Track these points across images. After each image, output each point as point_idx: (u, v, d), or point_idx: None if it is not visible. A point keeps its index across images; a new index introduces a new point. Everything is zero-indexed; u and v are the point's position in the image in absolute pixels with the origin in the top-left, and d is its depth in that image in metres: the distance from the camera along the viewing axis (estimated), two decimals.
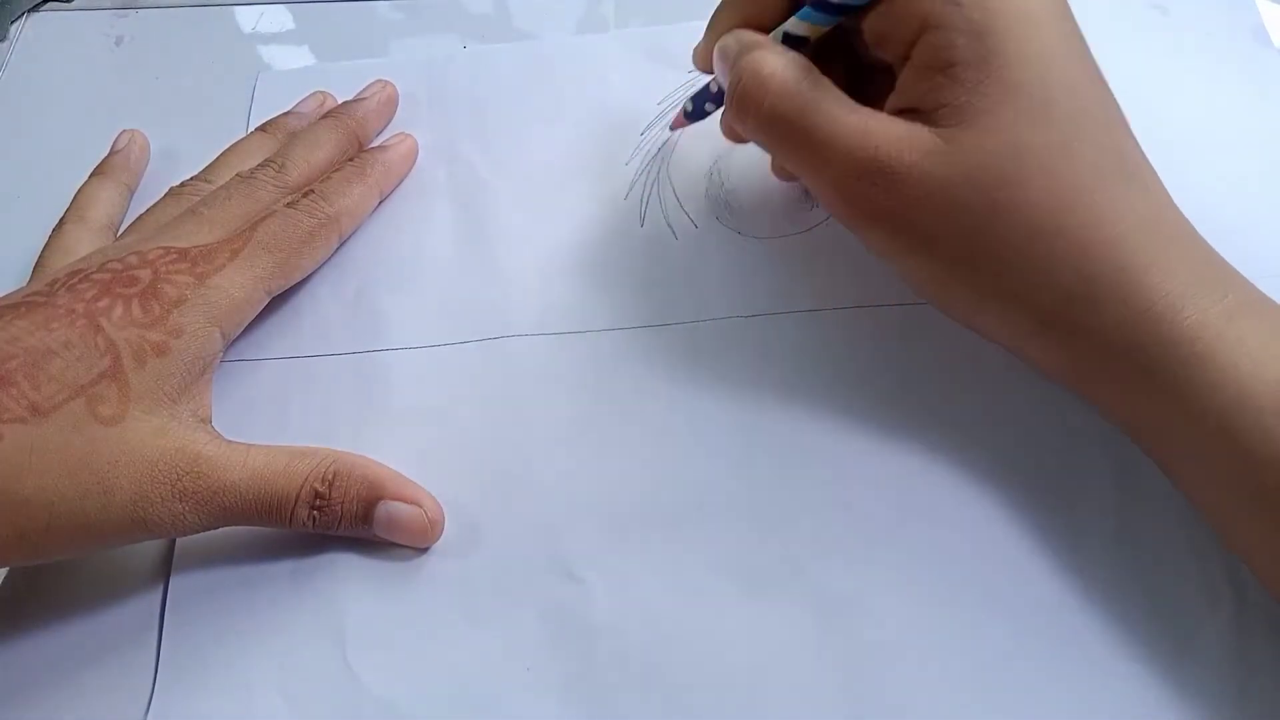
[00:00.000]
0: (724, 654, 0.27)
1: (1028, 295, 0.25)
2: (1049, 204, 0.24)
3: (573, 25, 0.41)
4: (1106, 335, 0.25)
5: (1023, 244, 0.25)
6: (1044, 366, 0.27)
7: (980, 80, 0.24)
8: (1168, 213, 0.25)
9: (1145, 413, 0.25)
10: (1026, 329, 0.26)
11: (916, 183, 0.25)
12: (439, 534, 0.29)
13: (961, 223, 0.25)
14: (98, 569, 0.29)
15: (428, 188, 0.36)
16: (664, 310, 0.32)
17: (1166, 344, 0.24)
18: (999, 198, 0.24)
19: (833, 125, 0.25)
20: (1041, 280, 0.25)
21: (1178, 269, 0.24)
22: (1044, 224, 0.24)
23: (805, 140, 0.26)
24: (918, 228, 0.25)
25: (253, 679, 0.27)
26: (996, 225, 0.25)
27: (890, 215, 0.26)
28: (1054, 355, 0.26)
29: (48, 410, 0.25)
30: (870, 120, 0.25)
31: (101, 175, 0.36)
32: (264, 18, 0.43)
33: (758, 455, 0.30)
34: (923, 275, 0.27)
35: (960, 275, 0.26)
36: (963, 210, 0.25)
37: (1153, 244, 0.24)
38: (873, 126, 0.25)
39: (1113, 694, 0.25)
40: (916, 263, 0.27)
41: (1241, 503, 0.24)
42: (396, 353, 0.32)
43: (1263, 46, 0.36)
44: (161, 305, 0.28)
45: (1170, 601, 0.26)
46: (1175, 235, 0.25)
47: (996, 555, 0.27)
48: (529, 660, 0.27)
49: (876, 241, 0.27)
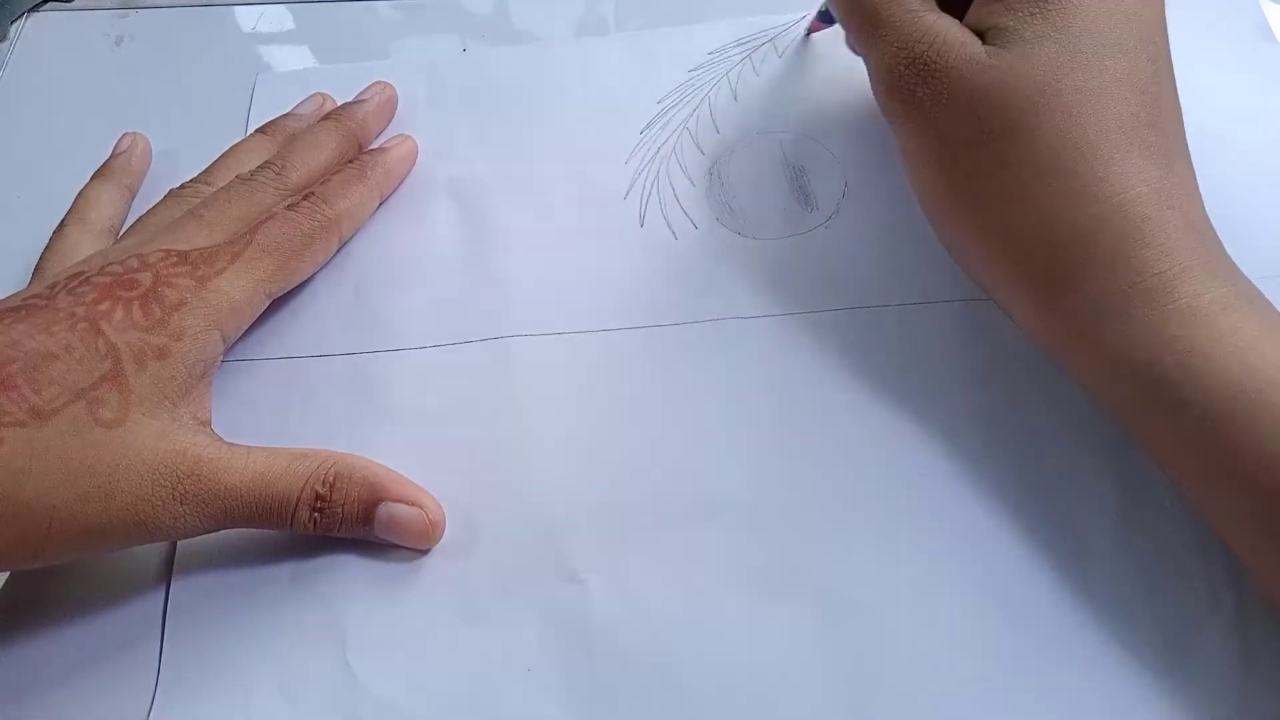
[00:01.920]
0: (725, 656, 0.27)
1: (1021, 237, 0.25)
2: (1062, 145, 0.25)
3: (572, 25, 0.41)
4: (1089, 300, 0.25)
5: (1029, 179, 0.25)
6: (1021, 321, 0.27)
7: (1033, 13, 0.25)
8: (1184, 197, 0.25)
9: (1119, 391, 0.25)
10: (1012, 274, 0.26)
11: (951, 84, 0.26)
12: (440, 535, 0.29)
13: (979, 137, 0.26)
14: (100, 572, 0.29)
15: (427, 189, 0.36)
16: (664, 310, 0.32)
17: (1150, 324, 0.24)
18: (1019, 122, 0.25)
19: (903, 13, 0.27)
20: (1037, 223, 0.25)
21: (1177, 251, 0.24)
22: (1052, 164, 0.25)
23: (872, 16, 0.27)
24: (941, 131, 0.26)
25: (254, 680, 0.27)
26: (1009, 151, 0.25)
27: (921, 112, 0.27)
28: (1032, 311, 0.26)
29: (48, 414, 0.25)
30: (936, 20, 0.27)
31: (102, 177, 0.36)
32: (264, 18, 0.43)
33: (758, 456, 0.30)
34: (936, 190, 0.28)
35: (968, 198, 0.27)
36: (982, 123, 0.25)
37: (1158, 220, 0.24)
38: (934, 24, 0.26)
39: (1114, 695, 0.25)
40: (933, 175, 0.27)
41: (1228, 493, 0.24)
42: (396, 353, 0.32)
43: (1266, 43, 0.36)
44: (162, 308, 0.28)
45: (1172, 603, 0.26)
46: (1186, 220, 0.25)
47: (998, 556, 0.27)
48: (530, 662, 0.27)
49: (904, 138, 0.28)
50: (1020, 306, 0.27)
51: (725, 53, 0.39)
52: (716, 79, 0.38)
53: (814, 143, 0.36)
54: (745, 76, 0.38)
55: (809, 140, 0.36)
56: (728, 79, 0.38)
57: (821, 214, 0.34)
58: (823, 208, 0.34)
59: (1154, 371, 0.24)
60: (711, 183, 0.35)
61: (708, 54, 0.39)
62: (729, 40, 0.39)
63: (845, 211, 0.34)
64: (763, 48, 0.39)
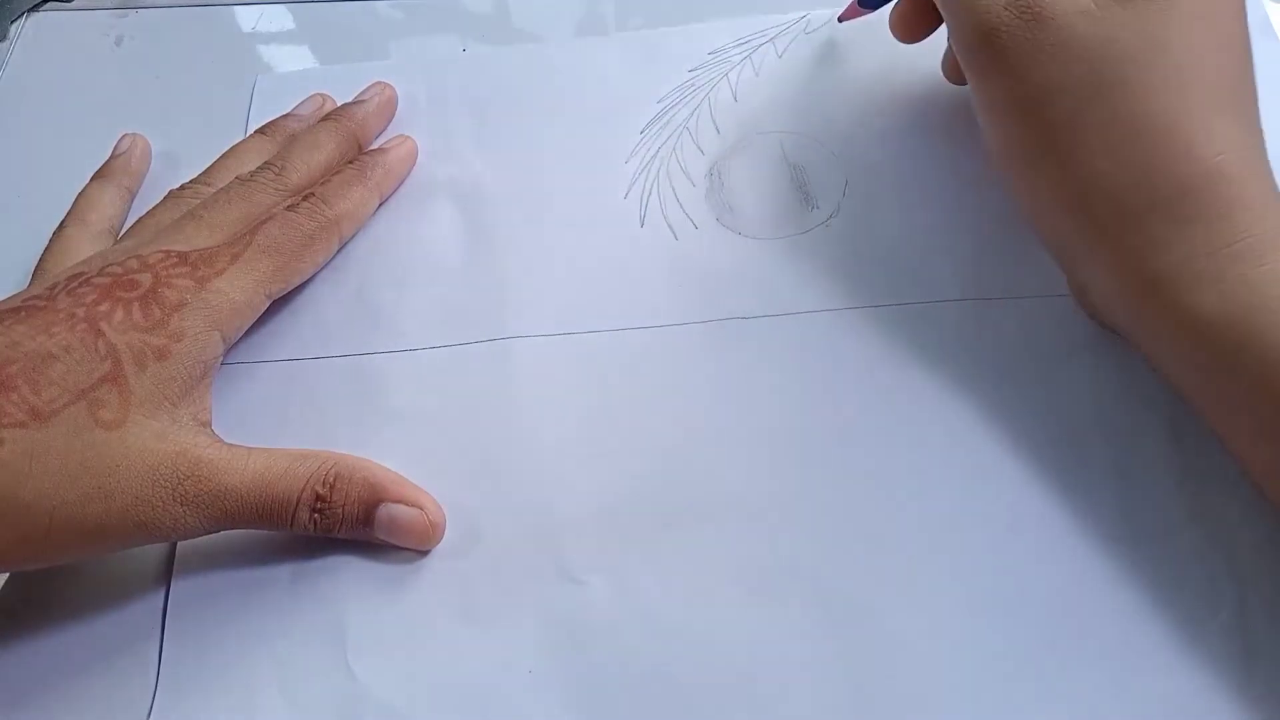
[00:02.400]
0: (727, 657, 0.27)
1: (1112, 193, 0.26)
2: (1167, 102, 0.25)
3: (572, 25, 0.41)
4: (1182, 259, 0.25)
5: (1130, 132, 0.25)
6: (1102, 275, 0.27)
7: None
8: (1266, 164, 0.26)
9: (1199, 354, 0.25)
10: (1095, 233, 0.26)
11: (1058, 31, 0.26)
12: (440, 536, 0.29)
13: (1082, 87, 0.26)
14: (100, 572, 0.29)
15: (427, 189, 0.36)
16: (664, 311, 0.32)
17: (1248, 283, 0.24)
18: (1127, 73, 0.25)
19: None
20: (1132, 180, 0.25)
21: (1269, 214, 0.25)
22: (1157, 119, 0.25)
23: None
24: (1039, 80, 0.26)
25: (254, 682, 0.27)
26: (1114, 99, 0.25)
27: (1019, 59, 0.26)
28: (1110, 270, 0.27)
29: (48, 414, 0.25)
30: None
31: (102, 178, 0.36)
32: (264, 17, 0.43)
33: (759, 456, 0.30)
34: (1022, 143, 0.28)
35: (1058, 152, 0.27)
36: (1088, 72, 0.26)
37: (1253, 182, 0.25)
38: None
39: (1115, 695, 0.25)
40: (1020, 127, 0.27)
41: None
42: (396, 355, 0.32)
43: (1266, 39, 0.36)
44: (162, 309, 0.28)
45: (1172, 603, 0.26)
46: (1270, 185, 0.26)
47: (998, 557, 0.27)
48: (530, 663, 0.27)
49: (991, 89, 0.28)
50: (1098, 266, 0.27)
51: (725, 53, 0.39)
52: (717, 79, 0.38)
53: (814, 142, 0.36)
54: (745, 76, 0.38)
55: (809, 140, 0.36)
56: (728, 79, 0.38)
57: (821, 214, 0.34)
58: (823, 207, 0.34)
59: (1243, 330, 0.24)
60: (712, 182, 0.35)
61: (708, 54, 0.39)
62: (729, 40, 0.39)
63: (845, 211, 0.34)
64: (763, 47, 0.39)
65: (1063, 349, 0.30)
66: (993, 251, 0.32)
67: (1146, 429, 0.29)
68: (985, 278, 0.32)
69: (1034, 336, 0.31)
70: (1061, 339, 0.30)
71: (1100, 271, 0.27)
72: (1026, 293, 0.31)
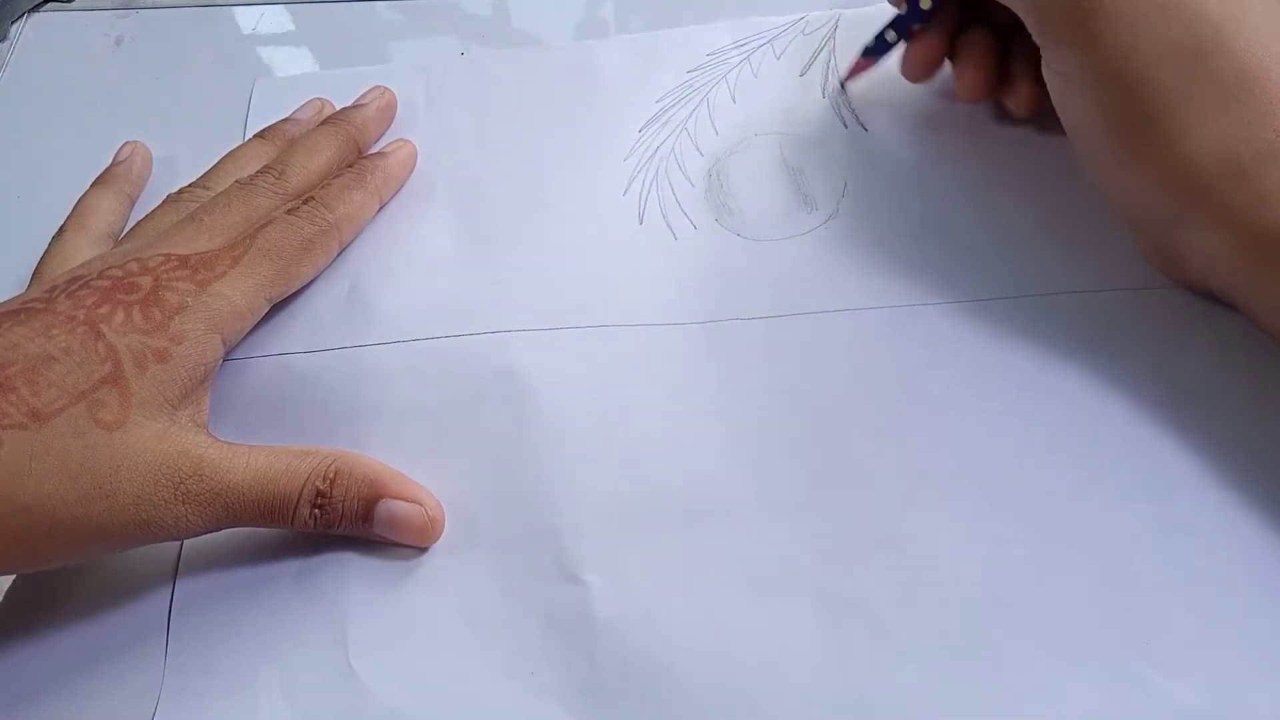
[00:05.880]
0: (729, 658, 0.27)
1: (1224, 148, 0.26)
2: (1255, 64, 0.26)
3: (572, 27, 0.41)
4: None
5: (1233, 82, 0.26)
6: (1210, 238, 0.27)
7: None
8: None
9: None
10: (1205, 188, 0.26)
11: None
12: (439, 533, 0.29)
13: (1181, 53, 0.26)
14: (104, 574, 0.29)
15: (426, 192, 0.36)
16: (663, 310, 0.32)
17: None
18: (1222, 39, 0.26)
19: None
20: (1244, 132, 0.26)
21: None
22: (1248, 83, 0.26)
23: None
24: (1131, 46, 0.27)
25: (257, 682, 0.27)
26: (1217, 67, 0.26)
27: (1114, 25, 0.27)
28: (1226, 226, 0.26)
29: (48, 416, 0.25)
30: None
31: (103, 184, 0.36)
32: (264, 18, 0.43)
33: (760, 456, 0.29)
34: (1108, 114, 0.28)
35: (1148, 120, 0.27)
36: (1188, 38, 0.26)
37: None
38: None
39: (1116, 697, 0.25)
40: (1107, 96, 0.27)
41: None
42: (393, 348, 0.32)
43: None
44: (163, 312, 0.28)
45: (1174, 603, 0.26)
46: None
47: (999, 557, 0.27)
48: (532, 664, 0.27)
49: (1078, 59, 0.28)
50: (1205, 230, 0.27)
51: (724, 54, 0.39)
52: (715, 80, 0.38)
53: (813, 143, 0.36)
54: (744, 78, 0.38)
55: (808, 141, 0.36)
56: (726, 80, 0.38)
57: (821, 214, 0.34)
58: (822, 208, 0.34)
59: None
60: (711, 183, 0.35)
61: (706, 55, 0.39)
62: (727, 42, 0.39)
63: (845, 212, 0.34)
64: (761, 49, 0.39)
65: (1061, 349, 0.30)
66: (992, 253, 0.32)
67: (1146, 429, 0.29)
68: (984, 279, 0.32)
69: (1034, 337, 0.31)
70: (1060, 339, 0.31)
71: (1209, 234, 0.27)
72: (1026, 293, 0.32)
